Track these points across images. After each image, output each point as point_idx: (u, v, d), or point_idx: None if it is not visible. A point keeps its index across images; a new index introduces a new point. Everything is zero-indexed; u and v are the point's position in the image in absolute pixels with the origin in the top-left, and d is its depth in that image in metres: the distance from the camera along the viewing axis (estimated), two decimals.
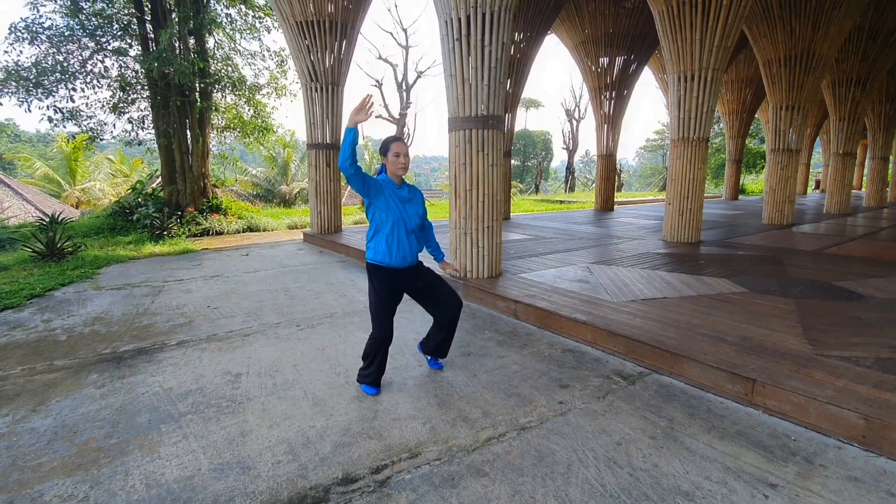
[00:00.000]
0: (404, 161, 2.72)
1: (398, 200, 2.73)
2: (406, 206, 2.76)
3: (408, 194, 2.80)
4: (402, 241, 2.72)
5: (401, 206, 2.73)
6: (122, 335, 3.82)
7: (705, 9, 6.72)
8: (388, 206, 2.69)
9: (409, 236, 2.78)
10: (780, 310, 3.84)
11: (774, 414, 2.52)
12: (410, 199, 2.80)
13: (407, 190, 2.81)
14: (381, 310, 2.74)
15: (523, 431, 2.39)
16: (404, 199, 2.77)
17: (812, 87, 9.66)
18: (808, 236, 8.54)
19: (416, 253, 2.84)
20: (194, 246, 8.09)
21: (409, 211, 2.76)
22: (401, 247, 2.73)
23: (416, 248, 2.83)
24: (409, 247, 2.76)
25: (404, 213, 2.73)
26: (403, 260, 2.75)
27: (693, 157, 7.42)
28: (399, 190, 2.77)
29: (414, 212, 2.79)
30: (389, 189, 2.72)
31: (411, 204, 2.80)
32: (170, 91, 9.36)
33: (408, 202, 2.78)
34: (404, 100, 17.28)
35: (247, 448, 2.25)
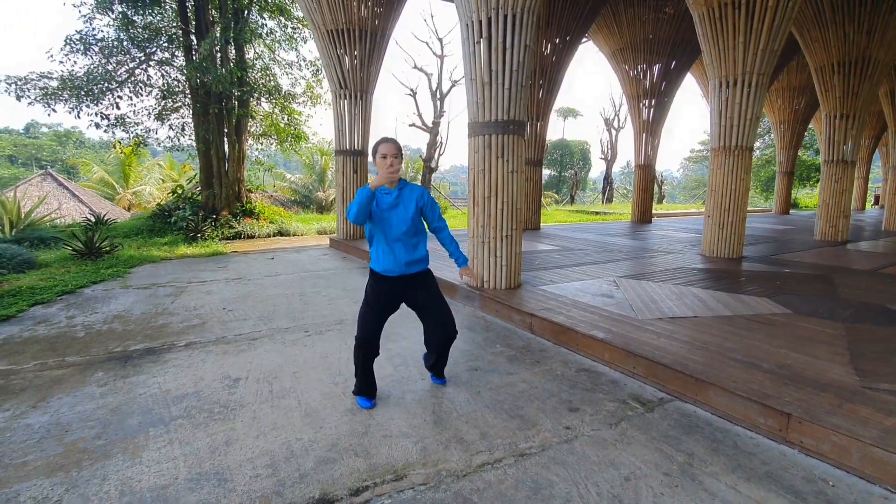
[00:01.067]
0: (391, 162, 2.46)
1: (381, 208, 2.54)
2: (390, 212, 2.55)
3: (395, 199, 2.56)
4: (395, 251, 2.57)
5: (382, 213, 2.54)
6: (136, 334, 3.87)
7: (749, 11, 6.32)
8: (378, 216, 2.55)
9: (394, 244, 2.57)
10: (827, 334, 3.45)
11: (811, 454, 2.21)
12: (396, 205, 2.56)
13: (396, 194, 2.57)
14: (365, 313, 2.65)
15: (521, 458, 2.19)
16: (389, 205, 2.55)
17: (868, 94, 8.94)
18: (863, 254, 7.84)
19: (408, 261, 2.59)
20: (224, 248, 8.28)
21: (392, 218, 2.55)
22: (394, 256, 2.57)
23: (403, 256, 2.58)
24: (393, 255, 2.57)
25: (385, 220, 2.54)
26: (390, 269, 2.58)
27: (735, 167, 6.97)
28: (388, 195, 2.56)
29: (399, 218, 2.55)
30: (378, 195, 2.55)
31: (396, 210, 2.55)
32: (209, 99, 9.71)
33: (393, 208, 2.55)
34: (438, 108, 17.34)
35: (228, 458, 2.16)
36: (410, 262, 2.62)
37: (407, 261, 2.60)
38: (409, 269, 2.62)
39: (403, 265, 2.59)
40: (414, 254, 2.63)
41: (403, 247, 2.60)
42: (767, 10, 6.22)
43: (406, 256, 2.60)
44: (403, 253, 2.59)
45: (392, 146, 2.53)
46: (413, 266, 2.63)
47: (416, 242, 2.65)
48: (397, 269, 2.60)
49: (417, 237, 2.65)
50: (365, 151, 8.54)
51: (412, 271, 2.64)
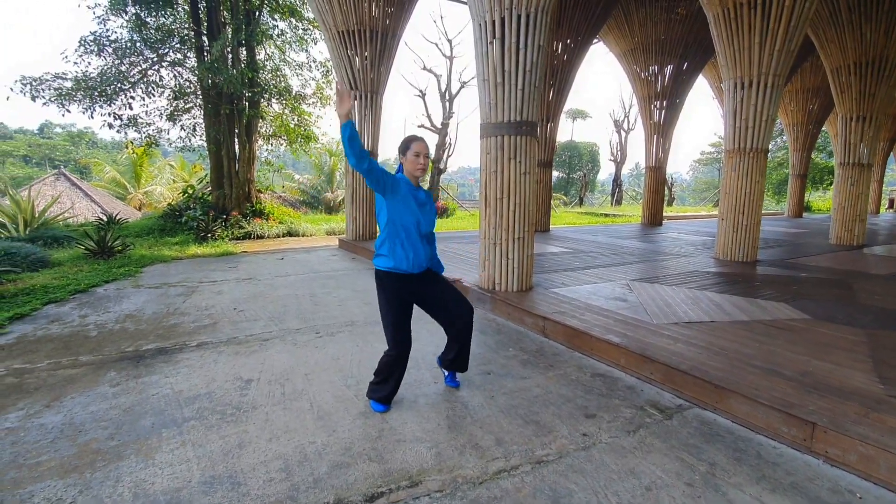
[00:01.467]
0: (424, 162, 2.56)
1: (416, 202, 2.56)
2: (423, 209, 2.61)
3: (425, 197, 2.65)
4: (417, 246, 2.56)
5: (418, 208, 2.56)
6: (148, 334, 3.87)
7: (766, 11, 6.23)
8: (407, 206, 2.51)
9: (423, 241, 2.64)
10: (848, 341, 3.37)
11: (837, 464, 2.14)
12: (426, 203, 2.65)
13: (424, 193, 2.66)
14: (396, 322, 2.55)
15: (538, 466, 2.15)
16: (422, 201, 2.62)
17: (886, 96, 8.78)
18: (881, 259, 7.69)
19: (427, 257, 2.66)
20: (234, 248, 8.31)
21: (426, 215, 2.62)
22: (416, 252, 2.55)
23: (429, 253, 2.69)
24: (423, 252, 2.61)
25: (422, 216, 2.56)
26: (419, 266, 2.59)
27: (750, 170, 6.86)
28: (417, 191, 2.61)
29: (430, 217, 2.66)
30: (407, 189, 2.54)
31: (427, 208, 2.64)
32: (220, 100, 9.77)
33: (424, 205, 2.63)
34: (447, 109, 17.32)
35: (242, 461, 2.14)
36: (429, 257, 2.71)
37: (427, 256, 2.67)
38: (427, 263, 2.68)
39: (425, 260, 2.64)
40: (433, 250, 2.77)
41: (428, 243, 2.70)
42: (784, 9, 6.13)
43: (427, 252, 2.67)
44: (427, 249, 2.67)
45: (424, 145, 2.59)
46: (432, 261, 2.77)
47: (433, 244, 2.80)
48: (423, 264, 2.62)
49: (434, 239, 2.80)
50: (375, 152, 8.53)
51: (426, 266, 2.69)
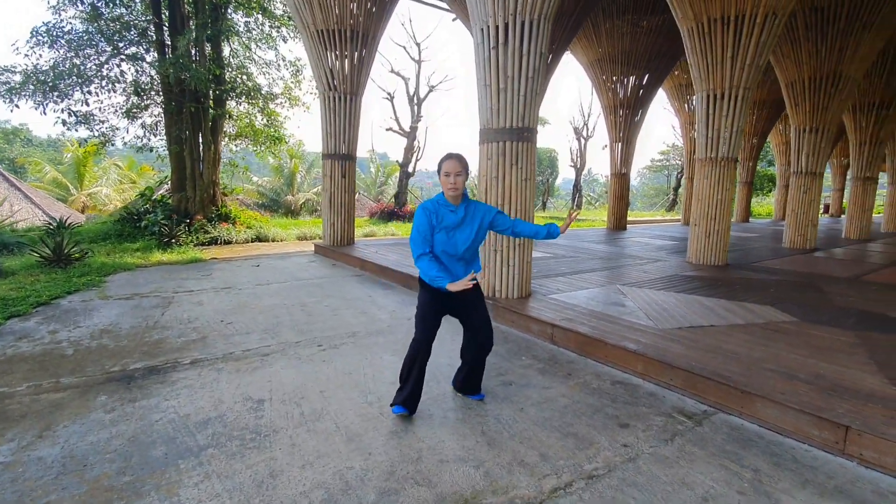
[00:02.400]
0: (454, 181, 2.45)
1: (449, 226, 2.52)
2: (454, 233, 2.53)
3: (460, 219, 2.52)
4: (453, 269, 2.59)
5: (447, 235, 2.52)
6: (131, 351, 3.54)
7: (738, 27, 6.57)
8: (442, 236, 2.53)
9: (456, 263, 2.59)
10: (843, 343, 3.56)
11: (872, 466, 2.22)
12: (461, 224, 2.53)
13: (462, 212, 2.53)
14: (425, 317, 2.60)
15: (591, 481, 2.10)
16: (454, 223, 2.52)
17: (837, 109, 9.49)
18: (836, 262, 8.27)
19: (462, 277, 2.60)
20: (203, 255, 7.84)
21: (456, 237, 2.53)
22: (452, 274, 2.58)
23: (461, 274, 2.60)
24: (454, 272, 2.59)
25: (449, 242, 2.53)
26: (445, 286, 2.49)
27: (721, 178, 7.19)
28: (452, 214, 2.52)
29: (464, 237, 2.54)
30: (442, 216, 2.51)
31: (462, 229, 2.54)
32: (184, 97, 9.22)
33: (457, 227, 2.53)
34: (415, 113, 17.20)
35: (279, 493, 1.96)
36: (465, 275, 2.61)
37: (463, 273, 2.60)
38: None
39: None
40: (473, 267, 2.64)
41: (464, 265, 2.61)
42: (755, 26, 6.47)
43: (466, 271, 2.61)
44: (462, 272, 2.60)
45: (454, 163, 2.47)
46: None
47: (476, 259, 2.67)
48: None
49: (476, 254, 2.66)
50: (353, 155, 8.31)
51: None
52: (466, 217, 2.53)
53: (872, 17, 8.62)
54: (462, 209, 2.53)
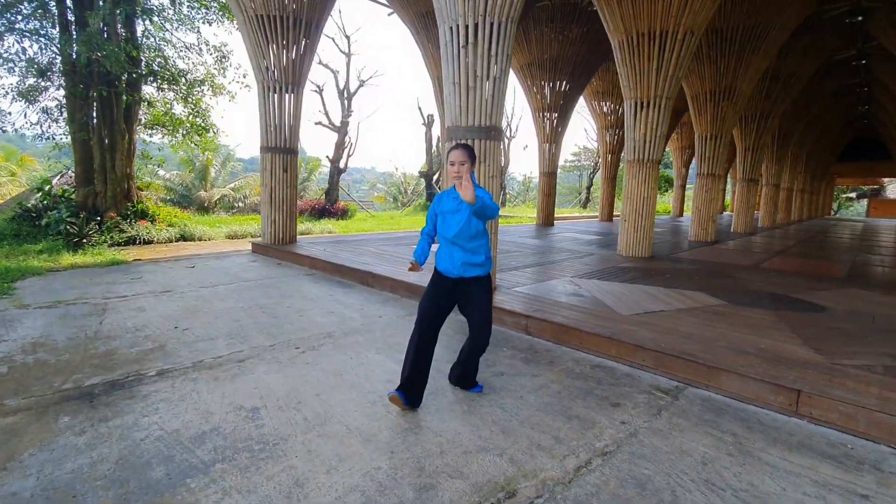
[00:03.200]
0: (458, 170, 2.56)
1: (447, 212, 2.67)
2: (448, 216, 2.65)
3: (455, 206, 2.62)
4: (445, 251, 2.70)
5: (443, 220, 2.68)
6: (78, 365, 3.12)
7: (662, 42, 7.27)
8: (441, 218, 2.72)
9: (452, 247, 2.65)
10: (769, 321, 4.14)
11: (821, 423, 2.65)
12: (457, 210, 2.62)
13: (460, 199, 2.59)
14: (422, 304, 2.71)
15: (606, 457, 2.27)
16: (453, 209, 2.65)
17: (732, 119, 10.86)
18: (735, 252, 9.49)
19: (464, 263, 2.63)
20: (123, 256, 7.03)
21: (450, 221, 2.64)
22: (444, 256, 2.70)
23: (459, 258, 2.63)
24: (449, 257, 2.66)
25: (445, 223, 2.67)
26: (448, 270, 2.67)
27: (647, 178, 7.93)
28: (453, 201, 2.65)
29: (454, 222, 2.61)
30: (446, 201, 2.69)
31: (456, 214, 2.62)
32: (92, 79, 8.16)
33: (453, 212, 2.63)
34: (346, 107, 16.74)
35: (312, 501, 1.88)
36: (467, 264, 2.65)
37: (463, 262, 2.65)
38: (466, 271, 2.66)
39: (460, 266, 2.64)
40: (472, 257, 2.66)
41: (461, 250, 2.65)
42: (676, 42, 7.21)
43: (463, 258, 2.65)
44: (461, 254, 2.65)
45: (458, 153, 2.58)
46: (470, 269, 2.67)
47: (475, 247, 2.67)
48: (455, 271, 2.65)
49: (476, 241, 2.67)
50: (295, 148, 7.93)
51: (469, 274, 2.67)
52: (463, 204, 2.59)
53: (760, 42, 9.98)
54: (460, 197, 2.58)
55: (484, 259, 2.69)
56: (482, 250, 2.68)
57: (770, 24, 9.80)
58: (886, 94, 17.40)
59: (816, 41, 12.36)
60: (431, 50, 10.53)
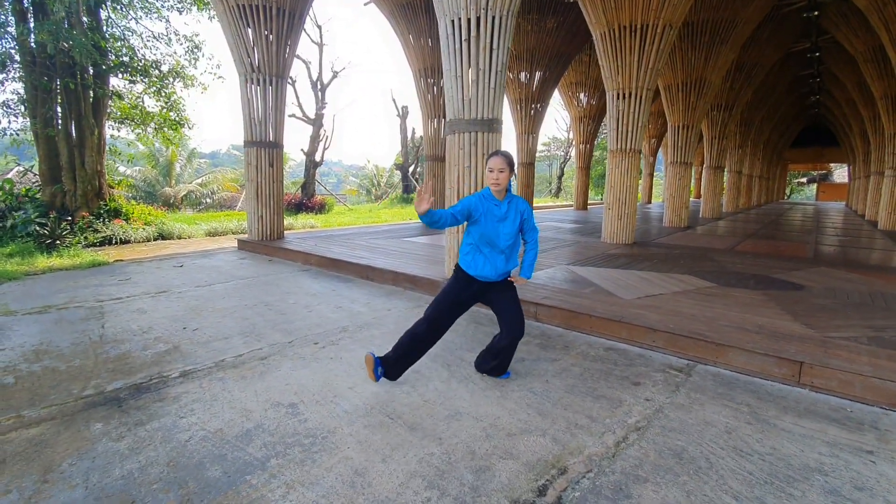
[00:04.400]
0: (497, 177, 2.61)
1: (494, 219, 2.66)
2: (500, 225, 2.67)
3: (504, 213, 2.68)
4: (495, 261, 2.69)
5: (495, 225, 2.66)
6: (93, 371, 3.03)
7: (643, 34, 7.49)
8: (486, 226, 2.65)
9: (498, 255, 2.70)
10: (758, 300, 4.42)
11: (821, 391, 2.88)
12: (505, 219, 2.68)
13: (506, 207, 2.69)
14: (439, 305, 2.74)
15: (640, 432, 2.41)
16: (500, 217, 2.67)
17: (702, 109, 11.31)
18: (709, 237, 9.95)
19: (503, 271, 2.74)
20: (103, 257, 6.75)
21: (500, 231, 2.67)
22: (493, 266, 2.70)
23: (502, 266, 2.72)
24: (493, 265, 2.70)
25: (494, 232, 2.66)
26: (487, 276, 2.71)
27: (629, 167, 8.20)
28: (497, 207, 2.67)
29: (507, 232, 2.68)
30: (487, 207, 2.65)
31: (505, 223, 2.68)
32: (55, 71, 7.72)
33: (502, 221, 2.68)
34: (320, 99, 16.40)
35: (378, 489, 1.94)
36: (505, 272, 2.76)
37: (504, 271, 2.74)
38: (502, 275, 2.76)
39: (501, 274, 2.74)
40: (509, 265, 2.76)
41: (505, 259, 2.72)
42: (656, 35, 7.45)
43: (504, 267, 2.73)
44: (503, 263, 2.72)
45: (498, 160, 2.61)
46: (504, 274, 2.77)
47: (514, 254, 2.78)
48: (493, 277, 2.73)
49: (516, 248, 2.79)
50: (280, 142, 7.77)
51: (502, 278, 2.77)
52: (510, 212, 2.69)
53: (728, 34, 10.41)
54: (505, 203, 2.69)
55: (518, 262, 2.84)
56: (517, 254, 2.81)
57: (737, 18, 10.23)
58: (836, 84, 18.48)
59: (776, 34, 12.99)
60: (412, 41, 10.46)
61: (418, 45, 10.51)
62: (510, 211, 2.69)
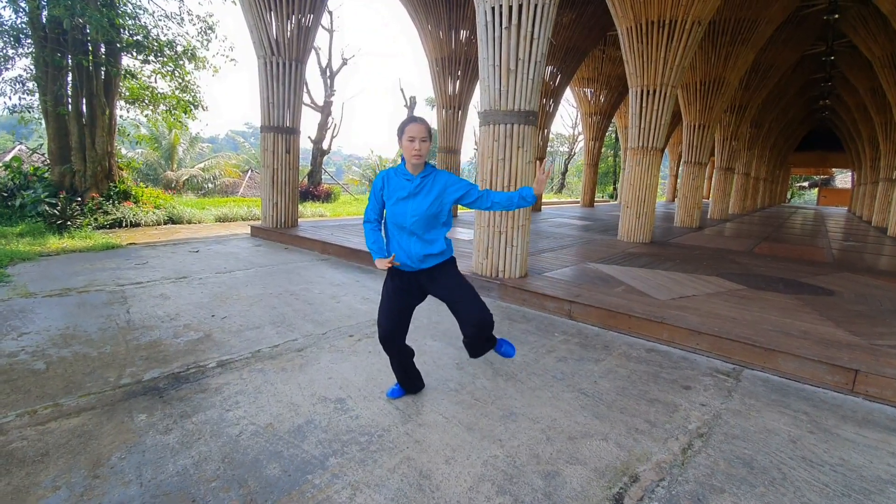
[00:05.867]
0: (419, 147, 2.18)
1: (398, 195, 2.26)
2: (404, 203, 2.25)
3: (414, 188, 2.24)
4: (399, 243, 2.29)
5: (400, 202, 2.26)
6: (127, 359, 2.93)
7: (671, 30, 7.36)
8: (391, 206, 2.29)
9: (409, 238, 2.27)
10: (794, 304, 4.35)
11: (876, 400, 2.82)
12: (416, 194, 2.25)
13: (418, 181, 2.25)
14: (381, 305, 2.40)
15: (705, 439, 2.34)
16: (409, 192, 2.24)
17: (719, 109, 11.20)
18: (723, 238, 9.89)
19: (423, 255, 2.28)
20: (116, 240, 6.61)
21: (408, 208, 2.25)
22: (397, 250, 2.29)
23: (417, 249, 2.27)
24: (405, 250, 2.28)
25: (399, 211, 2.26)
26: (404, 264, 2.30)
27: (650, 166, 8.10)
28: (407, 182, 2.26)
29: (414, 208, 2.24)
30: (395, 185, 2.28)
31: (416, 199, 2.25)
32: (67, 48, 7.51)
33: (412, 197, 2.25)
34: (328, 87, 16.17)
35: (446, 492, 1.85)
36: (426, 255, 2.29)
37: (421, 255, 2.28)
38: (425, 263, 2.31)
39: (417, 260, 2.29)
40: (430, 248, 2.29)
41: (419, 241, 2.27)
42: (684, 32, 7.32)
43: (420, 250, 2.27)
44: (419, 246, 2.27)
45: (418, 127, 2.20)
46: (429, 260, 2.31)
47: (434, 237, 2.30)
48: (413, 264, 2.30)
49: (436, 230, 2.31)
50: (297, 128, 7.62)
51: (428, 265, 2.33)
52: (423, 187, 2.25)
53: (749, 34, 10.28)
54: (419, 178, 2.25)
55: (445, 246, 2.34)
56: (442, 237, 2.33)
57: (759, 18, 10.10)
58: (848, 89, 18.39)
59: (795, 35, 12.86)
60: (430, 30, 10.27)
61: (436, 35, 10.32)
62: (424, 186, 2.25)
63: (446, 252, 2.36)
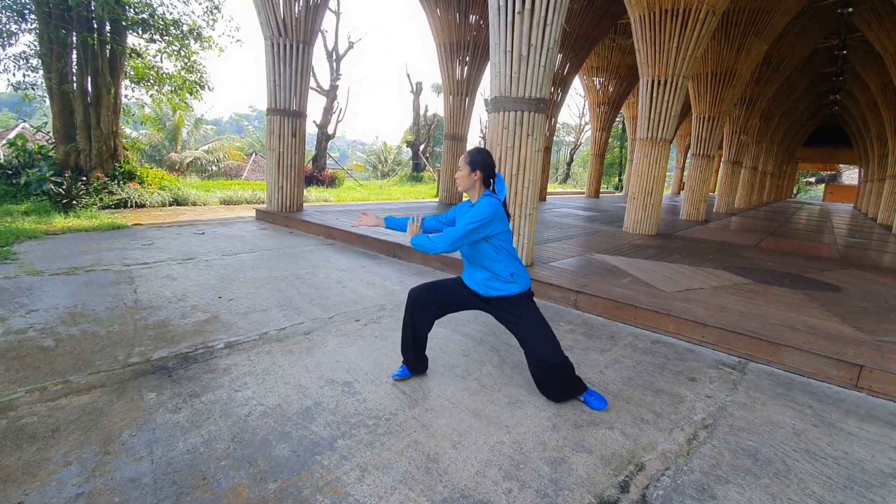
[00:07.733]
0: (457, 176, 2.40)
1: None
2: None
3: (452, 213, 2.53)
4: (467, 266, 2.50)
5: None
6: (135, 338, 2.95)
7: (684, 19, 7.24)
8: None
9: (471, 266, 2.45)
10: (800, 300, 4.34)
11: (880, 395, 2.82)
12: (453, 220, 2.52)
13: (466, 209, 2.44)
14: (424, 285, 2.58)
15: (710, 430, 2.35)
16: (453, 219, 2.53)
17: (730, 102, 11.06)
18: (729, 232, 9.85)
19: (484, 280, 2.39)
20: (122, 220, 6.61)
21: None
22: (466, 271, 2.52)
23: (481, 278, 2.40)
24: (469, 275, 2.47)
25: None
26: (469, 285, 2.48)
27: (659, 157, 8.04)
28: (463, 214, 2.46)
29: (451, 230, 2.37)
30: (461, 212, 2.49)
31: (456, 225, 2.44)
32: (72, 25, 7.43)
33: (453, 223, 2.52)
34: (334, 70, 16.01)
35: (454, 476, 1.87)
36: (487, 283, 2.39)
37: (483, 279, 2.40)
38: (488, 290, 2.40)
39: (481, 284, 2.41)
40: (493, 281, 2.38)
41: (482, 270, 2.41)
42: (697, 21, 7.20)
43: (484, 280, 2.40)
44: (482, 275, 2.41)
45: (462, 158, 2.39)
46: (491, 289, 2.39)
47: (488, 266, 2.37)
48: (477, 289, 2.45)
49: (489, 260, 2.35)
50: (304, 112, 7.56)
51: (491, 294, 2.40)
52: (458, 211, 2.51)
53: (763, 26, 10.11)
54: (467, 206, 2.45)
55: (508, 276, 2.36)
56: (498, 270, 2.36)
57: (774, 9, 9.92)
58: (859, 84, 18.13)
59: (808, 28, 12.64)
60: (439, 14, 10.13)
61: (445, 20, 10.18)
62: (458, 211, 2.49)
63: (512, 286, 2.36)
